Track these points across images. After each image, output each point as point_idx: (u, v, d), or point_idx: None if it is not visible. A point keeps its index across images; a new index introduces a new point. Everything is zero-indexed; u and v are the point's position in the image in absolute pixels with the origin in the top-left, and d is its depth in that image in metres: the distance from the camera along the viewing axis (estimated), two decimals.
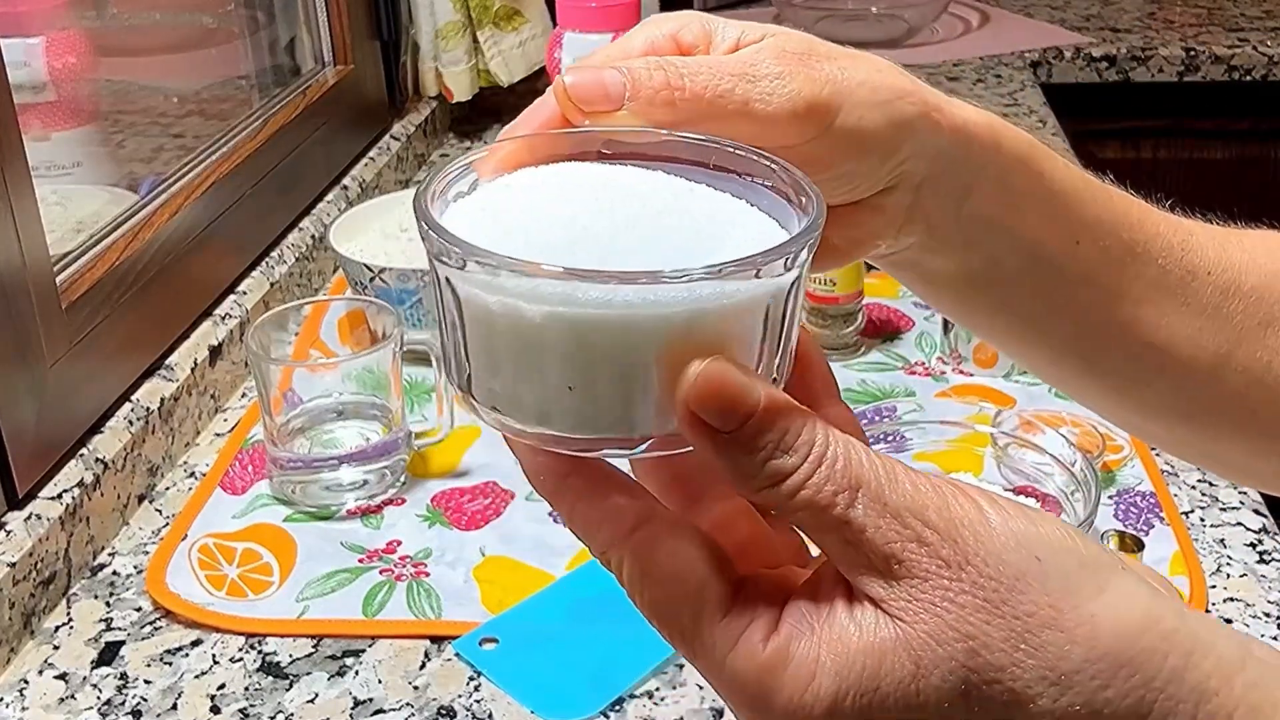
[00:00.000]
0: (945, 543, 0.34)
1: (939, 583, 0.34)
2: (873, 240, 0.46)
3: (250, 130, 1.20)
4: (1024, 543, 0.34)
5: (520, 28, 1.55)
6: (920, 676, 0.33)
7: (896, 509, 0.34)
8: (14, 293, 0.80)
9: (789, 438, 0.34)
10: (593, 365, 0.34)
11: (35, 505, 0.81)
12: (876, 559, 0.34)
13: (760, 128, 0.40)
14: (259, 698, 0.74)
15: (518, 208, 0.37)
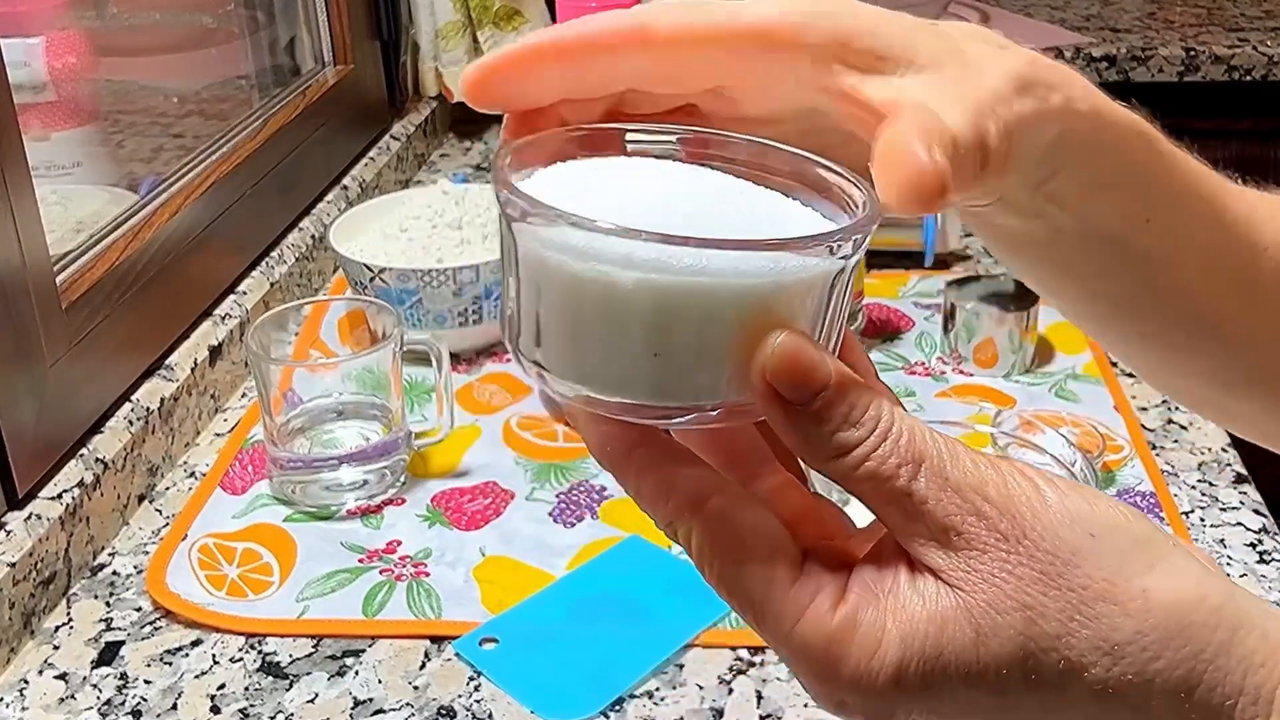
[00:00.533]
0: (1003, 517, 0.35)
1: (996, 555, 0.35)
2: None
3: (250, 130, 1.20)
4: (1079, 520, 0.35)
5: (520, 28, 1.55)
6: (980, 644, 0.35)
7: (957, 484, 0.35)
8: (14, 293, 0.80)
9: (856, 412, 0.36)
10: (678, 333, 0.35)
11: (35, 505, 0.81)
12: (936, 530, 0.35)
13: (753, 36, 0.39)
14: (259, 698, 0.75)
15: (595, 184, 0.37)
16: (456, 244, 1.08)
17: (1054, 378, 1.03)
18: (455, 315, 1.05)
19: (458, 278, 1.03)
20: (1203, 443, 0.95)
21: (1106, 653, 0.34)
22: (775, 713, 0.72)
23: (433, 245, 1.08)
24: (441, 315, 1.05)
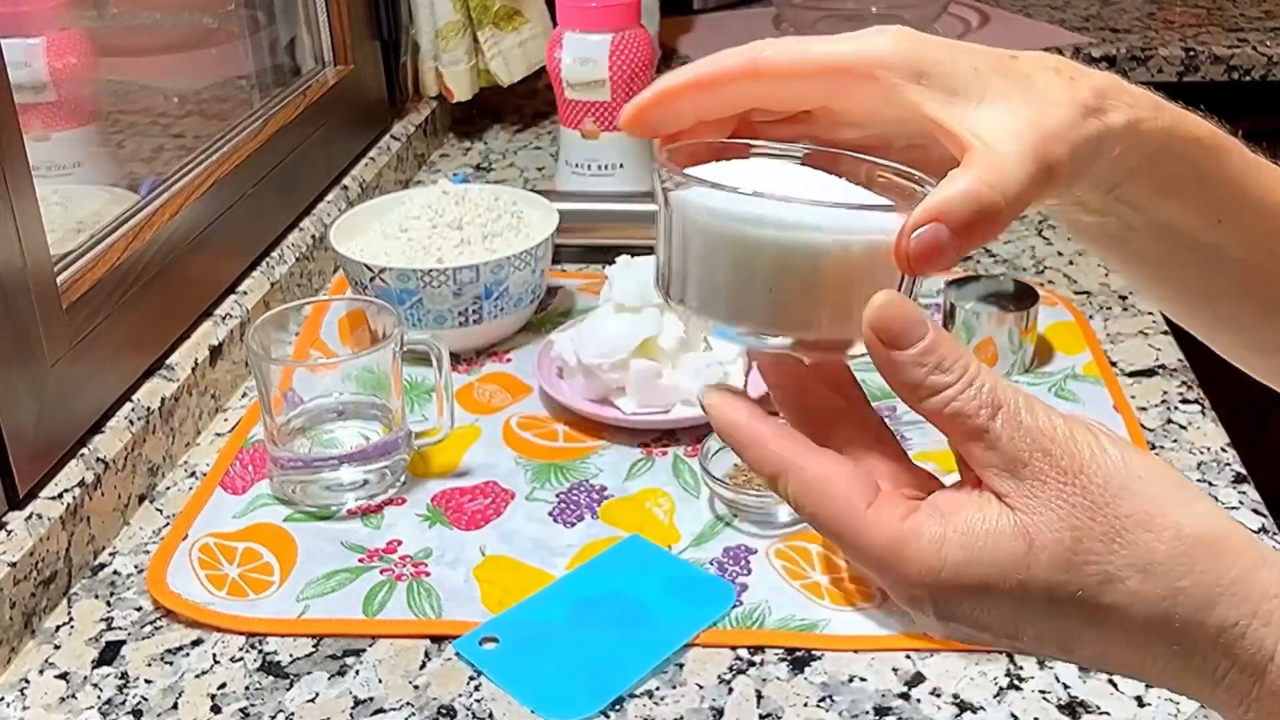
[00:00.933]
0: (1065, 455, 0.42)
1: (1055, 485, 0.42)
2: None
3: (250, 130, 1.21)
4: (1130, 464, 0.43)
5: (520, 28, 1.55)
6: (1031, 554, 0.42)
7: (1029, 428, 0.42)
8: (14, 293, 0.81)
9: (947, 361, 0.43)
10: (790, 275, 0.44)
11: (36, 505, 0.82)
12: (1007, 461, 0.42)
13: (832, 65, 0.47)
14: (259, 697, 0.75)
15: (730, 171, 0.47)
16: (456, 244, 1.08)
17: (1053, 378, 1.04)
18: (455, 315, 1.05)
19: (458, 278, 1.03)
20: (1202, 442, 0.95)
21: (1139, 569, 0.41)
22: (775, 712, 0.72)
23: (433, 245, 1.08)
24: (441, 315, 1.05)
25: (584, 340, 0.99)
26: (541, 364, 1.03)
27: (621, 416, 0.97)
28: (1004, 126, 0.45)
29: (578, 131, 1.27)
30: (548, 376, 1.02)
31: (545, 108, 1.66)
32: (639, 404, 0.97)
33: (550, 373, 1.03)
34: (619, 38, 1.22)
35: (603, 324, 0.99)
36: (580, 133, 1.26)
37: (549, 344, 1.05)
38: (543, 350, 1.05)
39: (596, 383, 0.98)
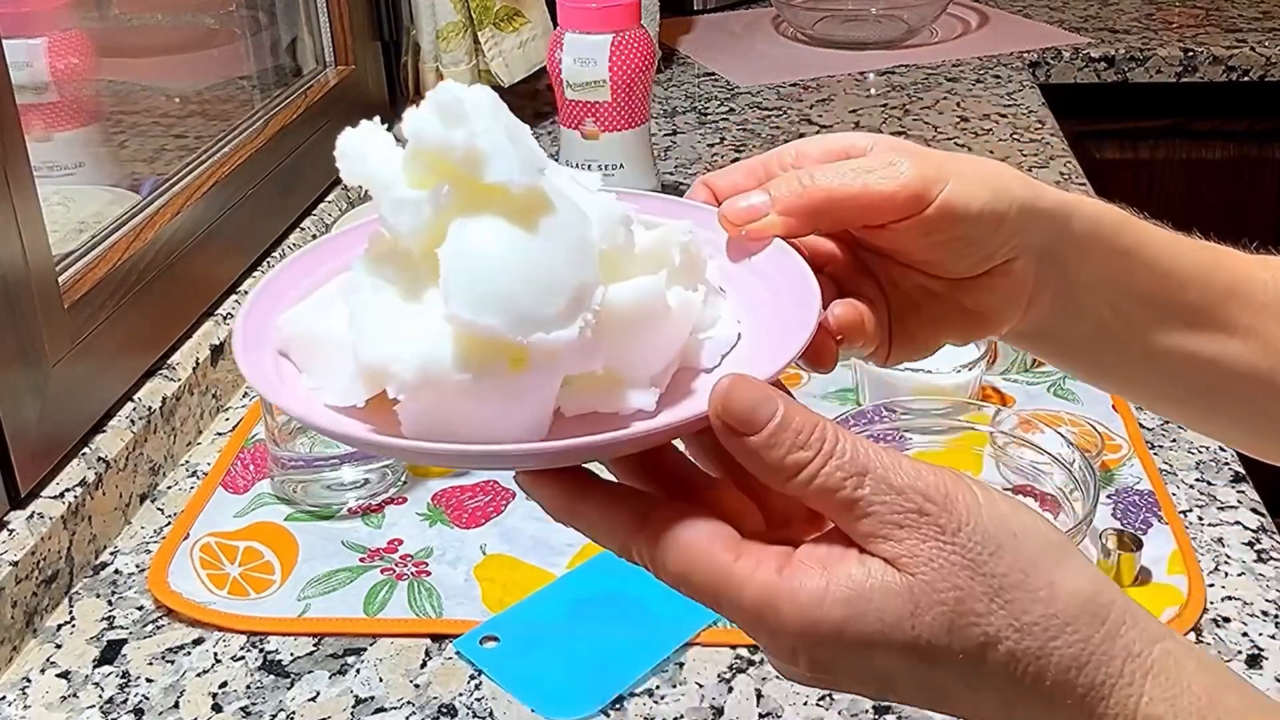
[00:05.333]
0: (942, 513, 0.41)
1: (936, 544, 0.41)
2: (1009, 306, 0.54)
3: (252, 131, 1.21)
4: (1003, 521, 0.42)
5: (521, 28, 1.55)
6: (916, 615, 0.41)
7: (900, 487, 0.42)
8: (16, 292, 0.81)
9: (803, 435, 0.42)
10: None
11: (37, 504, 0.82)
12: (884, 525, 0.41)
13: (878, 207, 0.50)
14: (260, 696, 0.75)
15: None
16: None
17: (1053, 377, 1.04)
18: None
19: None
20: (1200, 442, 0.96)
21: (1016, 629, 0.41)
22: (775, 711, 0.73)
23: None
24: None
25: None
26: None
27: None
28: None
29: (578, 132, 1.27)
30: None
31: (545, 108, 1.66)
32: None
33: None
34: (619, 38, 1.23)
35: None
36: (580, 133, 1.26)
37: None
38: None
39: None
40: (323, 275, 0.51)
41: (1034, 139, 1.56)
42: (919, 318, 0.54)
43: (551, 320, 0.42)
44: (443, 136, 0.43)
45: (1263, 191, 1.90)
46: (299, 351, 0.48)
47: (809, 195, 0.50)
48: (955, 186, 0.50)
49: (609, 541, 0.44)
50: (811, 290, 0.48)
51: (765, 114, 1.66)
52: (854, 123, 1.61)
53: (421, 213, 0.44)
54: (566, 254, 0.43)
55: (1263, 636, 0.76)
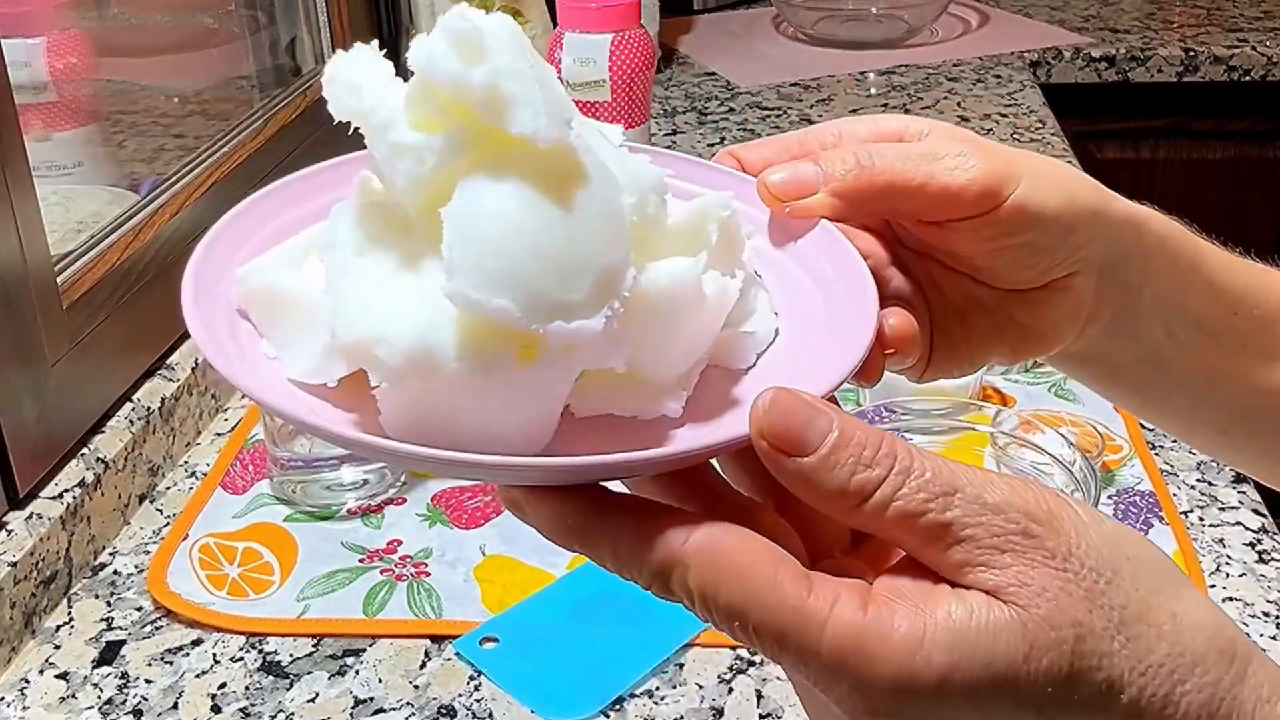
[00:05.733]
0: (1050, 535, 0.35)
1: (1047, 571, 0.35)
2: (1066, 324, 0.49)
3: (251, 130, 1.21)
4: (1116, 541, 0.36)
5: (520, 28, 1.55)
6: (1032, 659, 0.34)
7: (997, 505, 0.35)
8: (15, 292, 0.81)
9: (868, 452, 0.35)
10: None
11: (36, 505, 0.82)
12: (983, 553, 0.35)
13: (944, 201, 0.44)
14: (260, 697, 0.75)
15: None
16: None
17: (1053, 377, 1.04)
18: None
19: None
20: None
21: (1140, 673, 0.35)
22: (775, 712, 0.72)
23: None
24: None
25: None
26: None
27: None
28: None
29: None
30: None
31: None
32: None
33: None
34: (619, 38, 1.22)
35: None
36: None
37: None
38: None
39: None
40: (294, 220, 0.44)
41: (1035, 139, 1.55)
42: (965, 330, 0.48)
43: (574, 307, 0.36)
44: (460, 73, 0.36)
45: (1263, 191, 1.90)
46: (260, 311, 0.41)
47: (868, 176, 0.44)
48: (1028, 187, 0.44)
49: (635, 568, 0.36)
50: (866, 289, 0.42)
51: (765, 114, 1.66)
52: None
53: (425, 162, 0.37)
54: (596, 227, 0.36)
55: (1264, 637, 0.76)
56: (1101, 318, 0.49)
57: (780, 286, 0.44)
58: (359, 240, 0.38)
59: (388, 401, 0.37)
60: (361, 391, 0.38)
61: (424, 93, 0.37)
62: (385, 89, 0.38)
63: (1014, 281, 0.47)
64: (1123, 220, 0.48)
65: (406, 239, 0.38)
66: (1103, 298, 0.49)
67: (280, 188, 0.45)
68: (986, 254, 0.46)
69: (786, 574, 0.35)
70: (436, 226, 0.36)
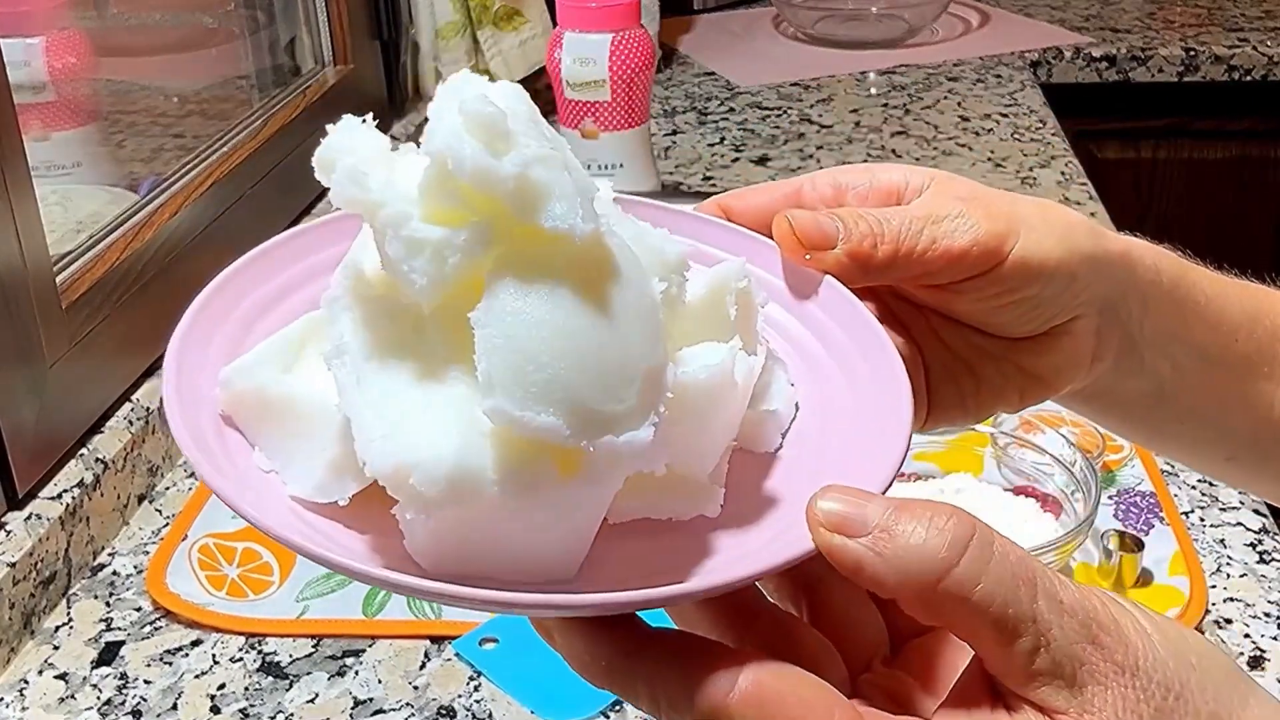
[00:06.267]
0: (1118, 646, 0.32)
1: (1118, 689, 0.31)
2: (1071, 367, 0.48)
3: (250, 130, 1.20)
4: (1180, 648, 0.33)
5: (520, 28, 1.55)
6: None
7: (1071, 608, 0.32)
8: (14, 292, 0.80)
9: (939, 520, 0.32)
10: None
11: (35, 505, 0.81)
12: (1063, 662, 0.31)
13: (948, 265, 0.43)
14: (259, 698, 0.75)
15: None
16: None
17: None
18: None
19: None
20: None
21: None
22: None
23: None
24: None
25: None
26: None
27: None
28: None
29: (577, 132, 1.26)
30: None
31: (545, 108, 1.65)
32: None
33: None
34: (619, 38, 1.22)
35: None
36: (580, 133, 1.26)
37: None
38: None
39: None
40: (272, 294, 0.41)
41: (1035, 139, 1.55)
42: (974, 381, 0.47)
43: (622, 419, 0.33)
44: (487, 165, 0.33)
45: (1264, 191, 1.90)
46: (250, 418, 0.37)
47: (880, 244, 0.42)
48: (1027, 240, 0.44)
49: (673, 714, 0.33)
50: (891, 359, 0.39)
51: (765, 114, 1.65)
52: (854, 122, 1.61)
53: (446, 260, 0.33)
54: (636, 326, 0.33)
55: (1264, 638, 0.76)
56: (1105, 356, 0.49)
57: (794, 354, 0.42)
58: (368, 345, 0.35)
59: (414, 528, 0.33)
60: (374, 508, 0.34)
61: (443, 183, 0.34)
62: (389, 173, 0.35)
63: (1018, 332, 0.47)
64: (1119, 258, 0.48)
65: (421, 341, 0.34)
66: (1104, 337, 0.48)
67: (256, 258, 0.41)
68: (989, 310, 0.46)
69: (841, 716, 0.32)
70: (456, 327, 0.33)
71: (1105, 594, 0.33)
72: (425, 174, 0.34)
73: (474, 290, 0.33)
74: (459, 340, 0.33)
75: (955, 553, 0.31)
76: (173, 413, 0.35)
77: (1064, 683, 0.31)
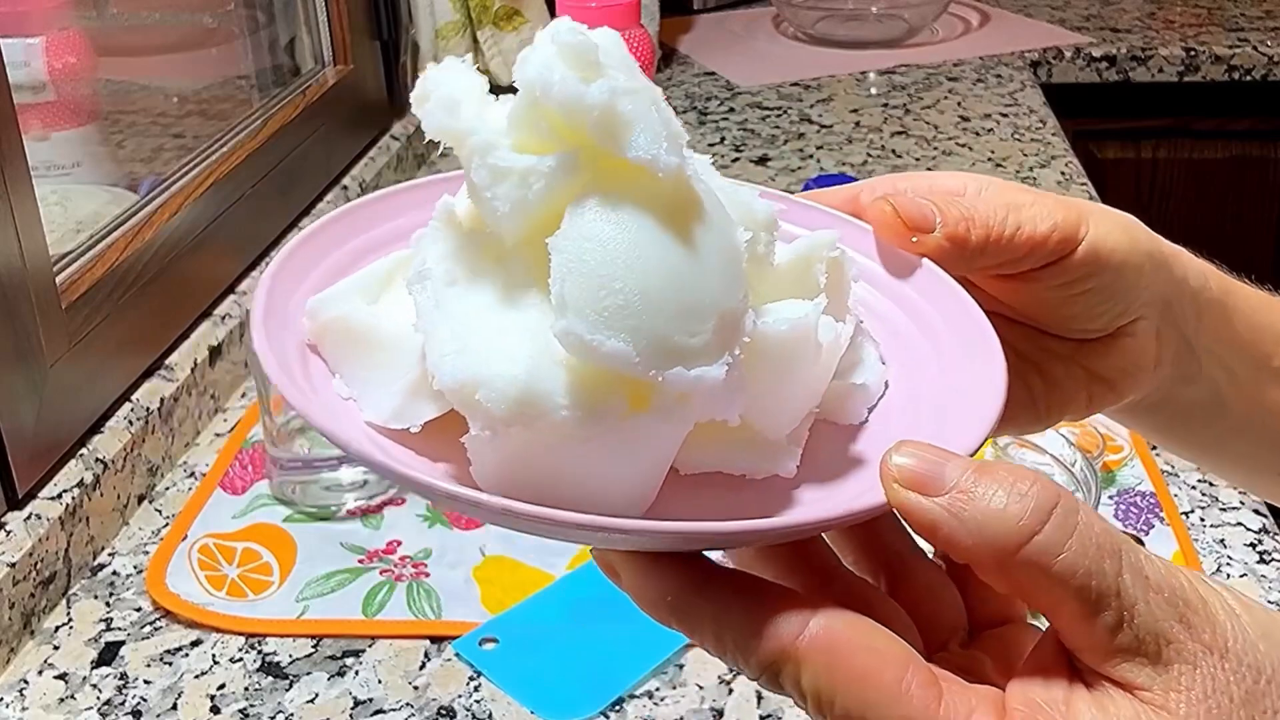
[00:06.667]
0: (1206, 626, 0.31)
1: (1207, 670, 0.30)
2: (1135, 370, 0.48)
3: (250, 130, 1.20)
4: (1271, 631, 0.32)
5: (520, 28, 1.55)
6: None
7: (1158, 584, 0.31)
8: (14, 293, 0.80)
9: (1021, 485, 0.30)
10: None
11: (35, 505, 0.81)
12: (1147, 640, 0.30)
13: (1030, 250, 0.43)
14: (259, 698, 0.74)
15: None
16: None
17: None
18: None
19: None
20: None
21: None
22: (775, 713, 0.72)
23: None
24: None
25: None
26: None
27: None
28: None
29: None
30: None
31: None
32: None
33: None
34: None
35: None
36: None
37: None
38: None
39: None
40: (364, 246, 0.41)
41: (1035, 139, 1.55)
42: (1045, 383, 0.47)
43: (694, 352, 0.32)
44: (577, 92, 0.33)
45: (1265, 191, 1.90)
46: (333, 347, 0.38)
47: (971, 229, 0.42)
48: (1096, 230, 0.44)
49: (741, 658, 0.32)
50: (987, 337, 0.39)
51: (765, 114, 1.65)
52: (854, 122, 1.61)
53: (530, 187, 0.34)
54: (716, 265, 0.33)
55: None
56: (1165, 361, 0.49)
57: (886, 334, 0.41)
58: (451, 272, 0.35)
59: (480, 452, 0.33)
60: (446, 438, 0.35)
61: (532, 112, 0.34)
62: (483, 107, 0.36)
63: (1084, 330, 0.47)
64: (1173, 259, 0.48)
65: (502, 271, 0.35)
66: (1164, 340, 0.48)
67: (352, 210, 0.41)
68: (1060, 301, 0.45)
69: (915, 680, 0.31)
70: (537, 258, 0.33)
71: (1192, 573, 0.32)
72: (515, 103, 0.35)
73: (556, 222, 0.33)
74: (539, 270, 0.33)
75: (1037, 520, 0.30)
76: (259, 337, 0.36)
77: (1147, 660, 0.30)
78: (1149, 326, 0.47)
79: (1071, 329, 0.47)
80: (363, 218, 0.41)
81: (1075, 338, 0.47)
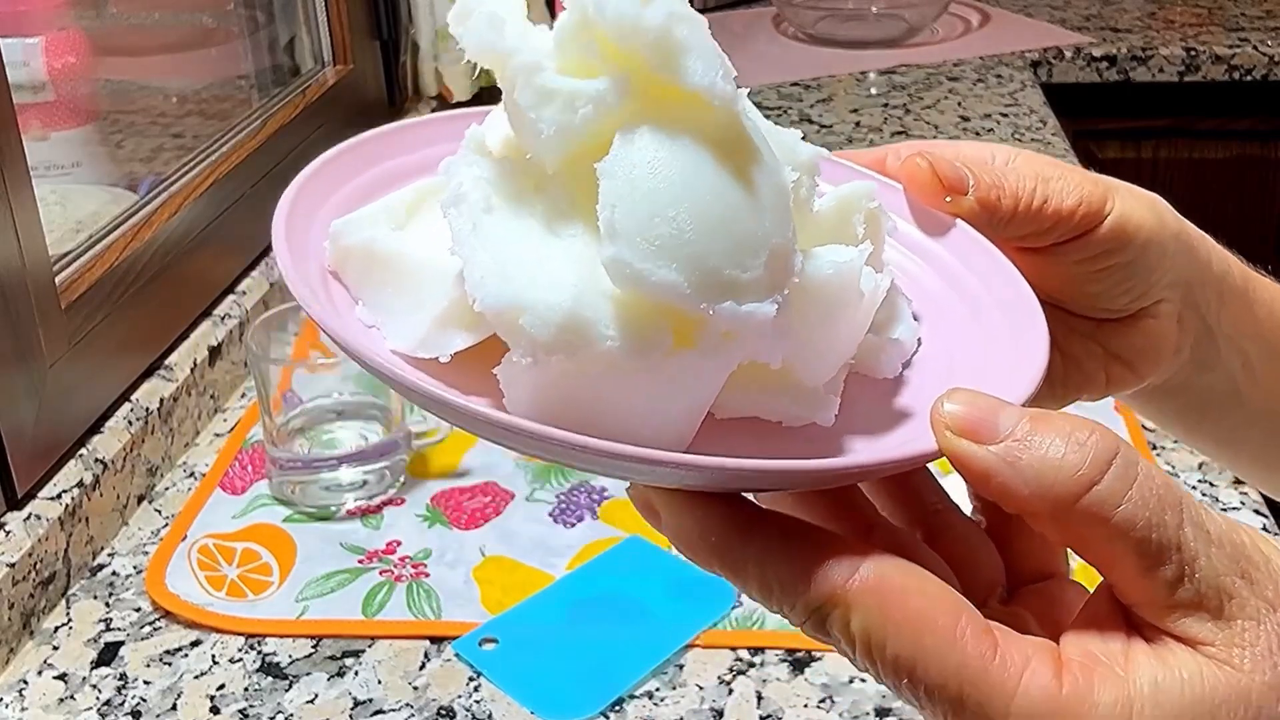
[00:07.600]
0: (1269, 582, 0.30)
1: (1271, 627, 0.29)
2: (1155, 352, 0.47)
3: (250, 130, 1.20)
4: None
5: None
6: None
7: (1219, 538, 0.30)
8: (13, 293, 0.80)
9: (1080, 434, 0.29)
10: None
11: (34, 505, 0.81)
12: (1209, 594, 0.29)
13: (1058, 222, 0.43)
14: (258, 698, 0.74)
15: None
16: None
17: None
18: None
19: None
20: None
21: None
22: (775, 713, 0.72)
23: None
24: None
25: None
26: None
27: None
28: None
29: None
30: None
31: None
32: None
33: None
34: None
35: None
36: None
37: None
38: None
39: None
40: (387, 174, 0.39)
41: (1035, 139, 1.55)
42: (1062, 359, 0.46)
43: (746, 287, 0.31)
44: (631, 12, 0.31)
45: (1265, 191, 1.90)
46: (357, 272, 0.36)
47: (1002, 196, 0.42)
48: (1123, 206, 0.43)
49: (787, 602, 0.31)
50: (1025, 297, 0.38)
51: (765, 114, 1.63)
52: (854, 122, 1.61)
53: (576, 110, 0.32)
54: (768, 201, 0.32)
55: None
56: (1184, 347, 0.48)
57: (917, 292, 0.41)
58: (488, 198, 0.33)
59: (515, 381, 0.32)
60: (475, 369, 0.33)
61: (582, 32, 0.32)
62: (525, 27, 0.34)
63: (1106, 309, 0.46)
64: (1198, 242, 0.47)
65: (542, 198, 0.33)
66: (1185, 324, 0.48)
67: (374, 138, 0.40)
68: (1083, 278, 0.45)
69: (969, 628, 0.30)
70: (581, 185, 0.32)
71: (1252, 529, 0.31)
72: (562, 22, 0.33)
73: (600, 149, 0.32)
74: (583, 198, 0.32)
75: (1097, 470, 0.29)
76: (283, 256, 0.35)
77: (1209, 615, 0.29)
78: (1171, 309, 0.47)
79: (1094, 307, 0.46)
80: (384, 145, 0.40)
81: (1097, 316, 0.46)
